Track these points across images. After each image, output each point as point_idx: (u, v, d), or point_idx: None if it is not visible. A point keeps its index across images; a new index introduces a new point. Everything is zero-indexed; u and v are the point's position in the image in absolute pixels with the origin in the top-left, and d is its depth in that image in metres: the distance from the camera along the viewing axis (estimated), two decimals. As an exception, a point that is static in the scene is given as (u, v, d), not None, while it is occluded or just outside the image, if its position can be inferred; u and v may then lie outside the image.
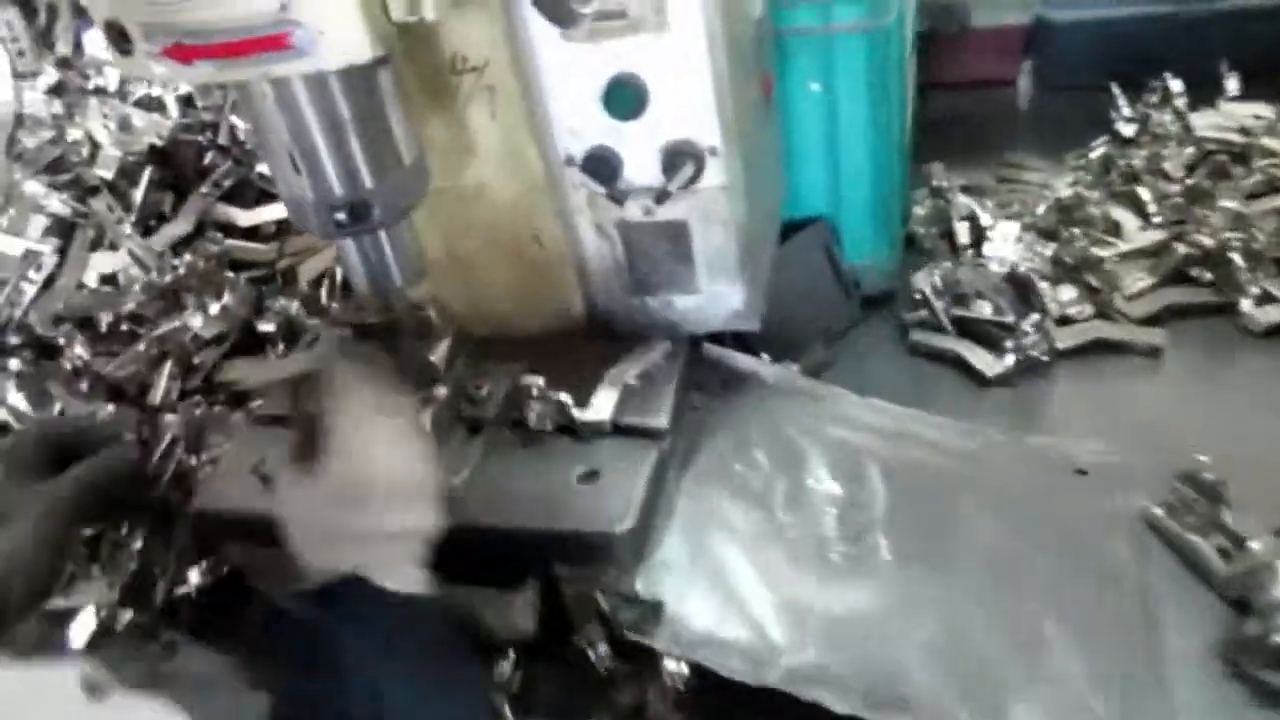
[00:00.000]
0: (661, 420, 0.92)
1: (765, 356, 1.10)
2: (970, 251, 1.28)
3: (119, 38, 0.68)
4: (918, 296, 1.19)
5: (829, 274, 1.22)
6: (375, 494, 0.68)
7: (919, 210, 1.36)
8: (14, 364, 1.03)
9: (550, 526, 0.84)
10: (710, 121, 0.87)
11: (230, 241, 1.15)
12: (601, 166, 0.89)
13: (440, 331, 0.91)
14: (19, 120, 1.16)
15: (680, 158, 0.87)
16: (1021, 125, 1.68)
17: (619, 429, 0.91)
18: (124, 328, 1.07)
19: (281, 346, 1.03)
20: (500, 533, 0.84)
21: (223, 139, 1.19)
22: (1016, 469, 0.99)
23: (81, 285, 1.09)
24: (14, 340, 1.07)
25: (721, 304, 0.98)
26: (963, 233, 1.29)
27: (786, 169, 1.18)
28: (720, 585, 0.86)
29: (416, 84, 0.87)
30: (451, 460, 0.88)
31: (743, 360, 1.06)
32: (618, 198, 0.89)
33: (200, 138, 1.19)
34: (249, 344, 1.07)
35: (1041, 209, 1.29)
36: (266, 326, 1.05)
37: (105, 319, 1.07)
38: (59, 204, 1.10)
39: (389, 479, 0.69)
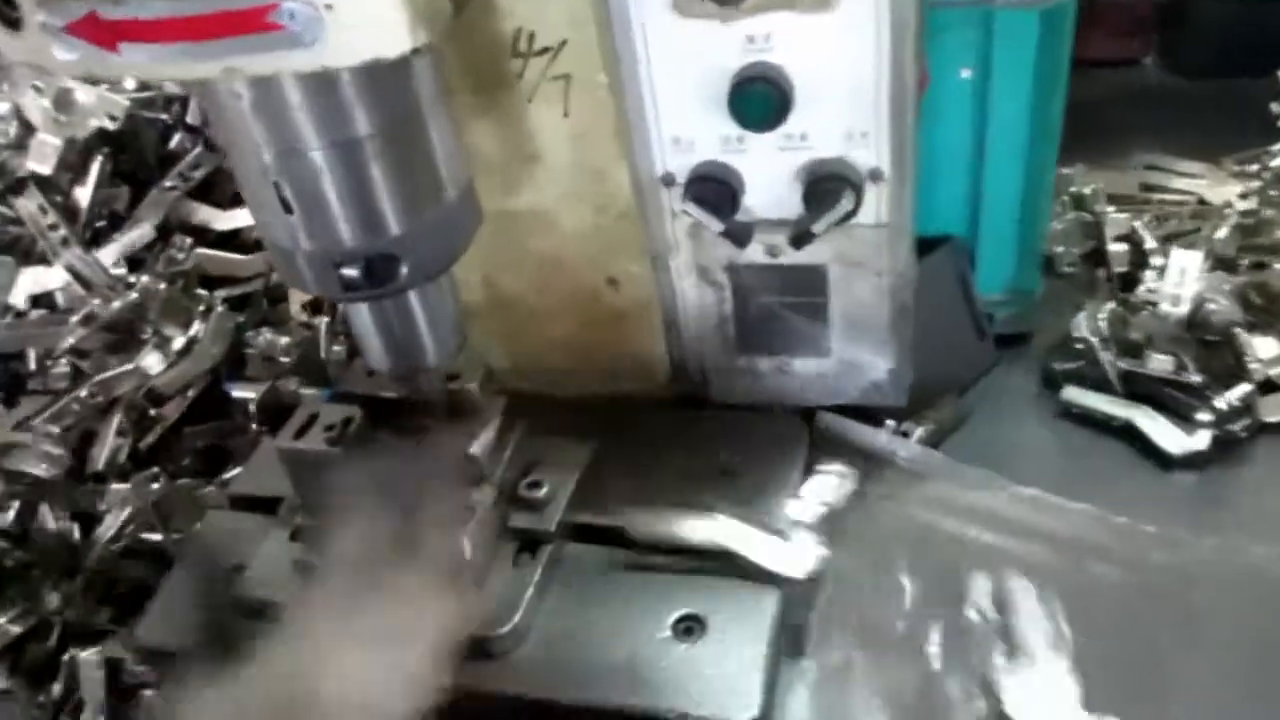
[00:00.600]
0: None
1: (890, 422, 0.86)
2: (1128, 284, 1.02)
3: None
4: (1079, 345, 0.94)
5: (961, 307, 0.97)
6: None
7: (1057, 225, 1.10)
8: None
9: (634, 706, 0.60)
10: (877, 135, 0.61)
11: (201, 250, 0.89)
12: (715, 191, 0.63)
13: (485, 411, 0.66)
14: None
15: (831, 184, 0.62)
16: (1154, 117, 1.41)
17: (719, 555, 0.67)
18: (60, 367, 0.82)
19: (254, 422, 0.77)
20: (562, 711, 0.60)
21: (192, 117, 0.92)
22: (1239, 596, 0.75)
23: (7, 310, 0.84)
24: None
25: (859, 373, 0.74)
26: (1118, 258, 1.04)
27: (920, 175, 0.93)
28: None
29: (461, 69, 0.61)
30: (497, 598, 0.64)
31: (869, 435, 0.82)
32: (736, 235, 0.64)
33: (164, 115, 0.92)
34: (216, 402, 0.82)
35: (1223, 232, 1.03)
36: (241, 393, 0.80)
37: (33, 355, 0.82)
38: (-25, 205, 0.84)
39: None
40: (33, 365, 0.84)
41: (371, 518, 0.56)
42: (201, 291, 0.88)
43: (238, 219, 0.92)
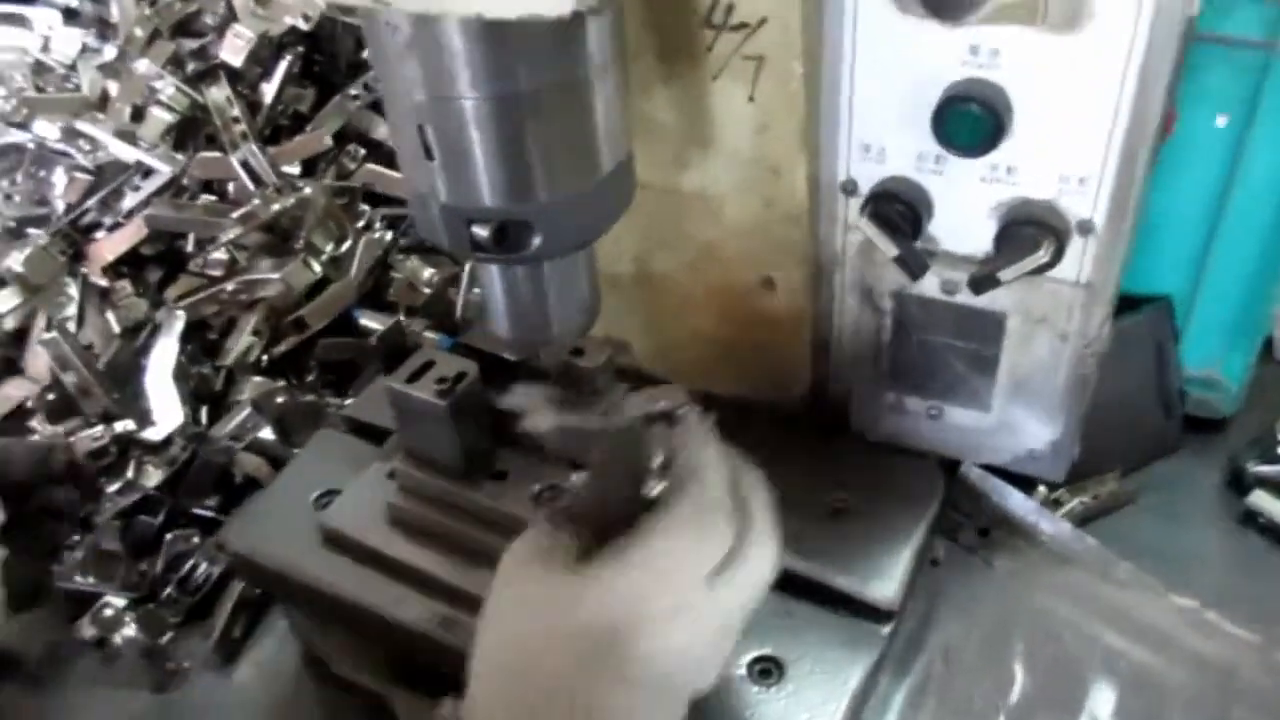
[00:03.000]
0: (889, 591, 0.61)
1: (1042, 488, 0.78)
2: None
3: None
4: (1280, 447, 0.82)
5: (1154, 377, 0.86)
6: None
7: (1282, 305, 0.97)
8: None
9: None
10: (1098, 182, 0.53)
11: (371, 167, 0.88)
12: (898, 210, 0.57)
13: (604, 392, 0.62)
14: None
15: (1031, 230, 0.54)
16: None
17: (812, 585, 0.62)
18: (218, 253, 0.83)
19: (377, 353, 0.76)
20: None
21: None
22: None
23: (180, 189, 0.85)
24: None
25: (1017, 437, 0.66)
26: (1352, 352, 0.91)
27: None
28: None
29: (647, 30, 0.57)
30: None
31: (1015, 501, 0.74)
32: (911, 265, 0.57)
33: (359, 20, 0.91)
34: (354, 320, 0.81)
35: None
36: (368, 321, 0.78)
37: (192, 237, 0.83)
38: (173, 92, 0.85)
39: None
40: (191, 247, 0.85)
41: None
42: (364, 207, 0.88)
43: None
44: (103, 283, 0.83)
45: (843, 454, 0.68)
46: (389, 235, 0.87)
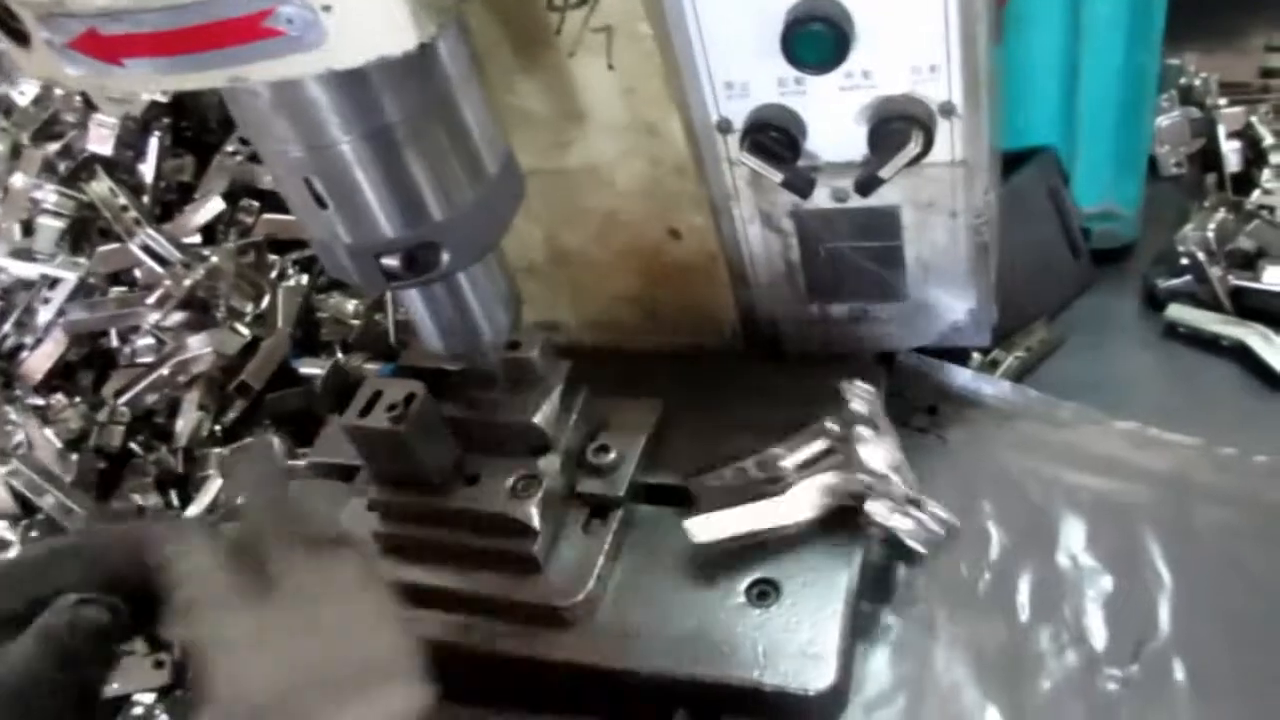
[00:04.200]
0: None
1: (976, 355, 0.82)
2: (1241, 187, 0.94)
3: (7, 18, 0.41)
4: (1185, 259, 0.87)
5: (1054, 223, 0.90)
6: (346, 676, 0.48)
7: (1162, 122, 1.01)
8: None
9: (707, 675, 0.59)
10: (947, 66, 0.56)
11: (269, 216, 0.89)
12: (773, 137, 0.59)
13: (548, 377, 0.64)
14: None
15: (898, 125, 0.57)
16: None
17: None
18: (145, 339, 0.83)
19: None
20: (636, 680, 0.60)
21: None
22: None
23: (90, 289, 0.85)
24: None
25: (938, 315, 0.70)
26: (1232, 159, 0.96)
27: (1005, 83, 0.86)
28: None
29: (495, 30, 0.58)
30: (567, 566, 0.63)
31: (953, 374, 0.78)
32: (798, 185, 0.60)
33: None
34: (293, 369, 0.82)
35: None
36: (308, 369, 0.80)
37: (114, 332, 0.83)
38: (56, 198, 0.85)
39: (362, 655, 0.49)
40: (115, 341, 0.86)
41: None
42: (273, 256, 0.89)
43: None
44: (39, 402, 0.83)
45: (788, 374, 0.71)
46: (304, 279, 0.88)
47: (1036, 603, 0.67)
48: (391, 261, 0.49)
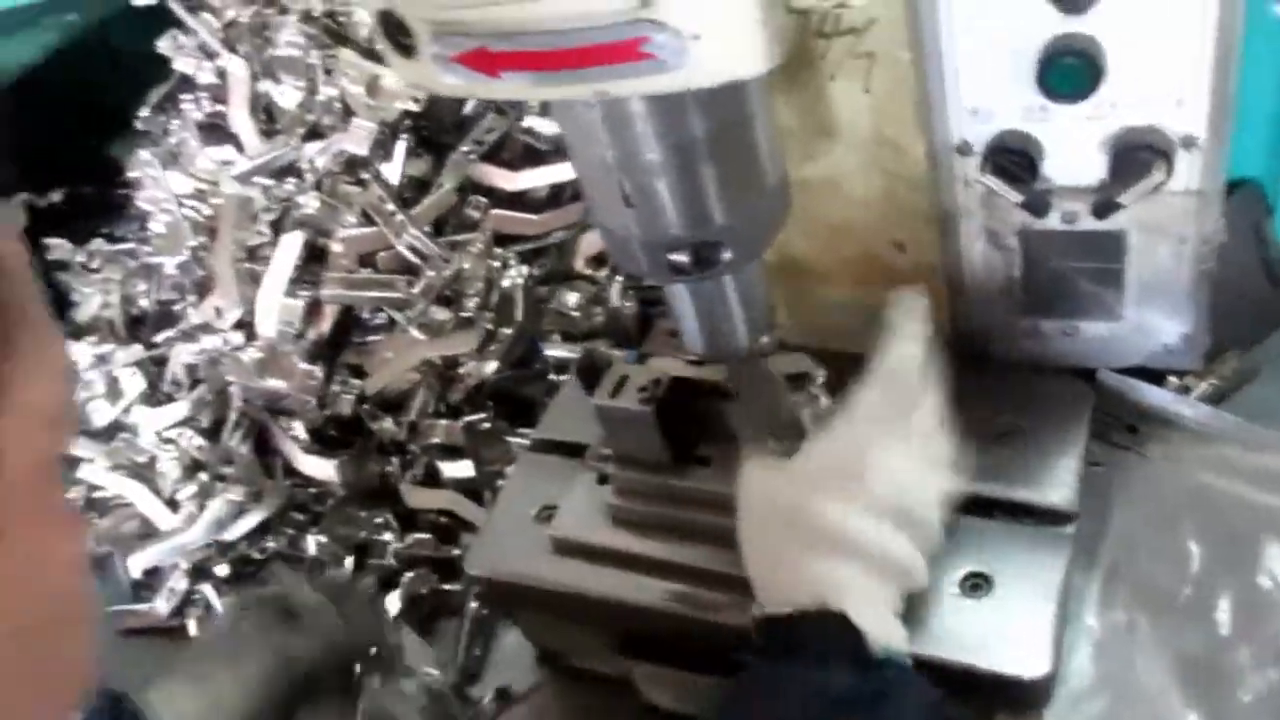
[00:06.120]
0: (1065, 495, 0.69)
1: (1171, 379, 0.84)
2: None
3: (397, 32, 0.48)
4: (1388, 299, 0.87)
5: (1254, 256, 0.92)
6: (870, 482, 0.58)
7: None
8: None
9: (929, 654, 0.63)
10: (1195, 99, 0.60)
11: (496, 212, 0.96)
12: (1013, 160, 0.63)
13: (810, 377, 0.69)
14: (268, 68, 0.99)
15: (1139, 154, 0.61)
16: None
17: (996, 503, 0.69)
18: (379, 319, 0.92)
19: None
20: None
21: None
22: None
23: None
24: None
25: (1151, 336, 0.73)
26: None
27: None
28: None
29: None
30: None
31: (1154, 394, 0.80)
32: (1035, 206, 0.64)
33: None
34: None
35: None
36: (555, 352, 0.86)
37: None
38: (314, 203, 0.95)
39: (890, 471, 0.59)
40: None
41: None
42: (498, 250, 0.96)
43: (520, 181, 0.99)
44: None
45: (995, 382, 0.75)
46: (525, 270, 0.95)
47: (1237, 619, 0.69)
48: (680, 257, 0.55)
